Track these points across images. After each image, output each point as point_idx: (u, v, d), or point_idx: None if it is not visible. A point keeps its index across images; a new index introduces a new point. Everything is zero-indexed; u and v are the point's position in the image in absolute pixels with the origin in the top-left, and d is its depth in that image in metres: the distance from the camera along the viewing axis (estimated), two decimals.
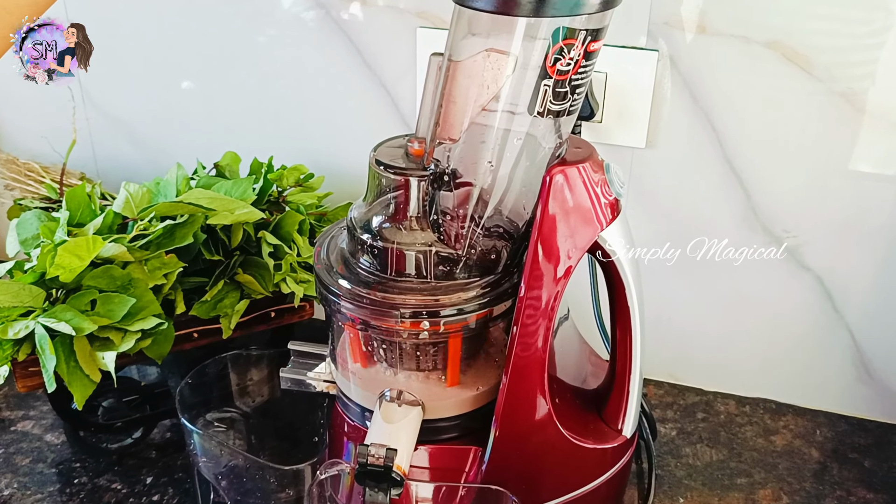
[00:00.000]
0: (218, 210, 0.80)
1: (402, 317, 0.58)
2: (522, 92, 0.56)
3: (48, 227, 0.79)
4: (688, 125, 0.86)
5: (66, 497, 0.82)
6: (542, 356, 0.60)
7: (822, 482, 0.85)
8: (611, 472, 0.66)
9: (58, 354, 0.73)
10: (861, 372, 0.92)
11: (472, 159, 0.59)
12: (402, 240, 0.59)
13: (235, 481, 0.70)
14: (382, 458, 0.56)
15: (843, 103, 0.81)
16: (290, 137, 1.01)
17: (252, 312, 0.85)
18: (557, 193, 0.57)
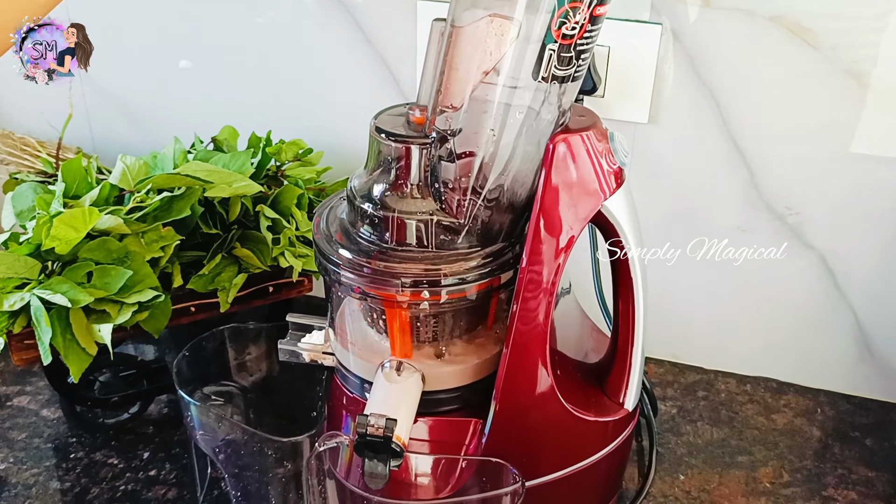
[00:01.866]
0: (216, 183, 0.79)
1: (402, 286, 0.57)
2: (526, 58, 0.55)
3: (44, 199, 0.78)
4: (691, 100, 0.85)
5: (63, 472, 0.81)
6: (544, 327, 0.59)
7: (824, 460, 0.85)
8: (612, 445, 0.65)
9: (53, 327, 0.72)
10: (863, 351, 0.91)
11: (475, 128, 0.58)
12: (403, 208, 0.58)
13: (233, 455, 0.70)
14: (382, 428, 0.55)
15: (849, 79, 0.80)
16: (289, 115, 1.00)
17: (250, 287, 0.84)
18: (560, 162, 0.56)
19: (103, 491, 0.79)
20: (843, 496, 0.80)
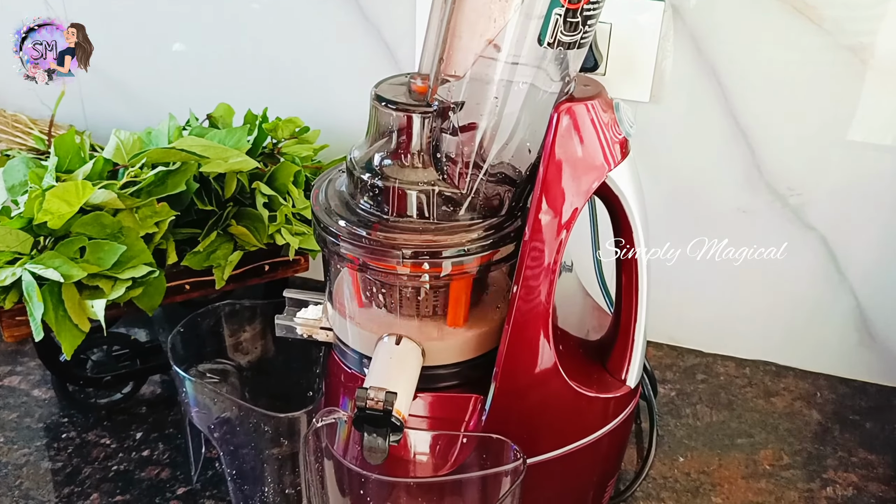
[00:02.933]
0: (211, 158, 0.77)
1: (403, 257, 0.56)
2: (531, 24, 0.54)
3: (36, 174, 0.76)
4: (693, 79, 0.84)
5: (54, 452, 0.80)
6: (547, 300, 0.58)
7: (824, 443, 0.84)
8: (614, 422, 0.64)
9: (45, 302, 0.71)
10: (863, 335, 0.91)
11: (477, 98, 0.57)
12: (404, 178, 0.57)
13: (228, 432, 0.69)
14: (382, 401, 0.54)
15: (852, 58, 0.79)
16: (286, 94, 0.99)
17: (245, 265, 0.83)
18: (565, 131, 0.55)
19: (95, 471, 0.78)
20: (843, 479, 0.80)
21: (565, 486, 0.65)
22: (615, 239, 0.62)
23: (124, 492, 0.76)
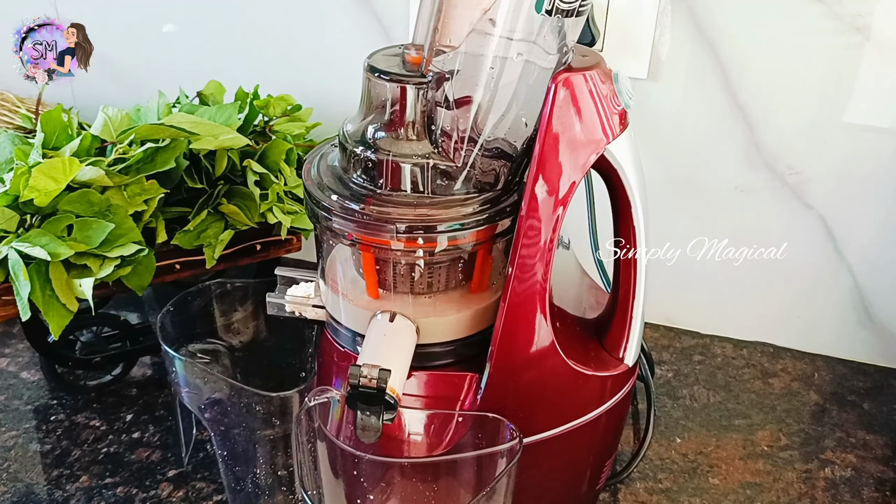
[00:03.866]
0: (201, 135, 0.76)
1: (397, 231, 0.55)
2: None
3: (22, 151, 0.75)
4: (691, 55, 0.83)
5: (43, 434, 0.79)
6: (544, 277, 0.57)
7: (822, 424, 0.83)
8: (612, 401, 0.63)
9: (32, 281, 0.69)
10: (861, 315, 0.90)
11: (473, 69, 0.56)
12: (398, 151, 0.56)
13: (219, 413, 0.67)
14: (375, 379, 0.53)
15: (854, 33, 0.78)
16: (278, 72, 0.97)
17: (237, 245, 0.81)
18: (562, 102, 0.54)
19: (85, 453, 0.77)
20: (841, 459, 0.79)
21: (562, 466, 0.64)
22: (613, 213, 0.61)
23: (114, 474, 0.75)
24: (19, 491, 0.72)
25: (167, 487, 0.73)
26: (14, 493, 0.72)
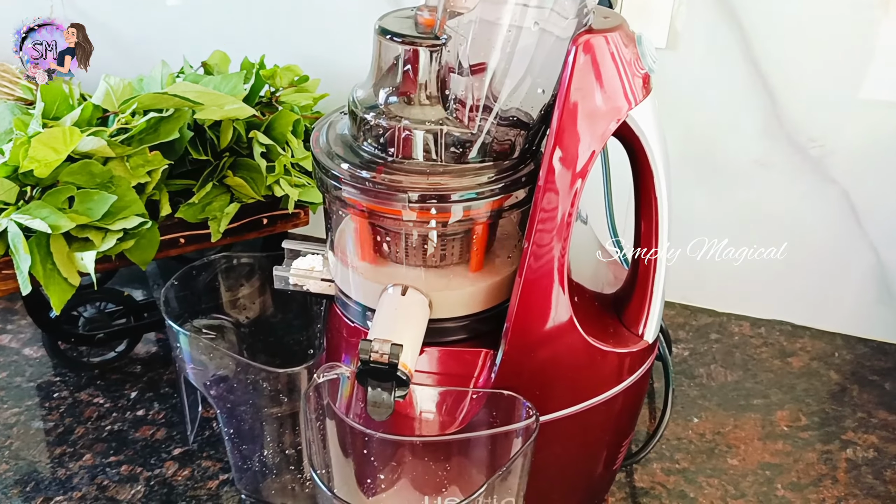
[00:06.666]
0: (206, 105, 0.74)
1: (409, 201, 0.52)
2: None
3: (21, 121, 0.73)
4: (712, 23, 0.80)
5: (46, 411, 0.77)
6: (562, 250, 0.55)
7: (842, 404, 0.81)
8: (630, 379, 0.61)
9: (33, 254, 0.67)
10: (882, 293, 0.88)
11: (488, 33, 0.53)
12: (410, 116, 0.54)
13: (225, 390, 0.66)
14: (387, 354, 0.51)
15: (877, 6, 0.75)
16: (284, 42, 0.95)
17: (243, 218, 0.79)
18: (583, 65, 0.52)
19: (88, 431, 0.75)
20: (863, 440, 0.77)
21: (579, 445, 0.62)
22: (634, 184, 0.58)
23: (118, 452, 0.73)
24: (21, 469, 0.71)
25: (172, 466, 0.72)
26: (16, 471, 0.71)
